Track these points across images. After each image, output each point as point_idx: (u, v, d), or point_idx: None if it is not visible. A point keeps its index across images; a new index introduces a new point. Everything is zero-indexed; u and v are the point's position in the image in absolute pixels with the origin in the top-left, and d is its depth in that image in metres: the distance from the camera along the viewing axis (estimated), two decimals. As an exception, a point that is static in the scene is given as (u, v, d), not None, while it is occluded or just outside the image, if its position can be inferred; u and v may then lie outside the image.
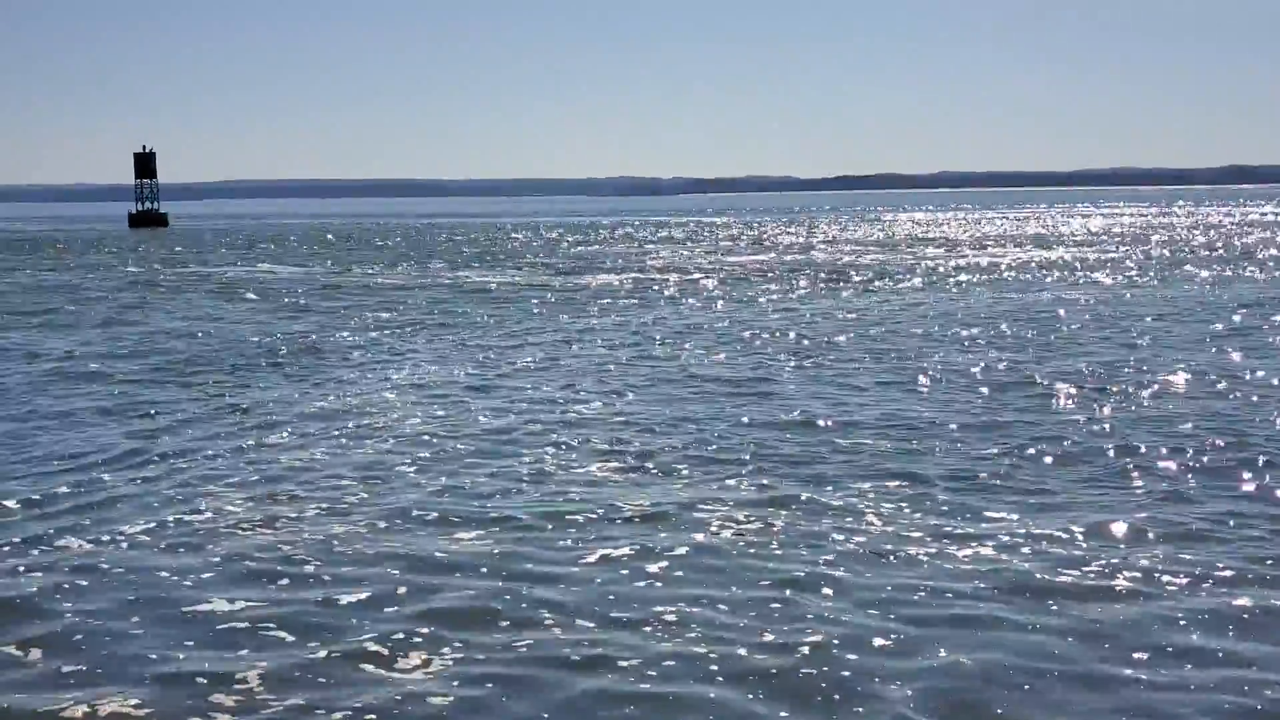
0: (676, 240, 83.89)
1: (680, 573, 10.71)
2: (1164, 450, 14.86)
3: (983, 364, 22.12)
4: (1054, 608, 9.73)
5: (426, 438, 16.35)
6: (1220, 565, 10.59)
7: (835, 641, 9.11)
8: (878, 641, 9.12)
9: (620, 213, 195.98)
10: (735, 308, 34.10)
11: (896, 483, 13.72)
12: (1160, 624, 9.39)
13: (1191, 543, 11.25)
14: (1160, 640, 9.07)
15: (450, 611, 9.84)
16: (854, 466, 14.53)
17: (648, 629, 9.44)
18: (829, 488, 13.53)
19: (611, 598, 10.08)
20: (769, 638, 9.22)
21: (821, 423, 17.09)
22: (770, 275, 47.62)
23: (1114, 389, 19.23)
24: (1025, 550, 11.16)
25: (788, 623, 9.50)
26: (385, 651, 9.08)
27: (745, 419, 17.50)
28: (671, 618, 9.64)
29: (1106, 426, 16.37)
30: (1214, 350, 23.62)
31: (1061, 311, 31.17)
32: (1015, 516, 12.30)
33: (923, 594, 10.12)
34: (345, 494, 13.44)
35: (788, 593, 10.15)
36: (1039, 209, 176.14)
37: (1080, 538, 11.46)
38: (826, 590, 10.25)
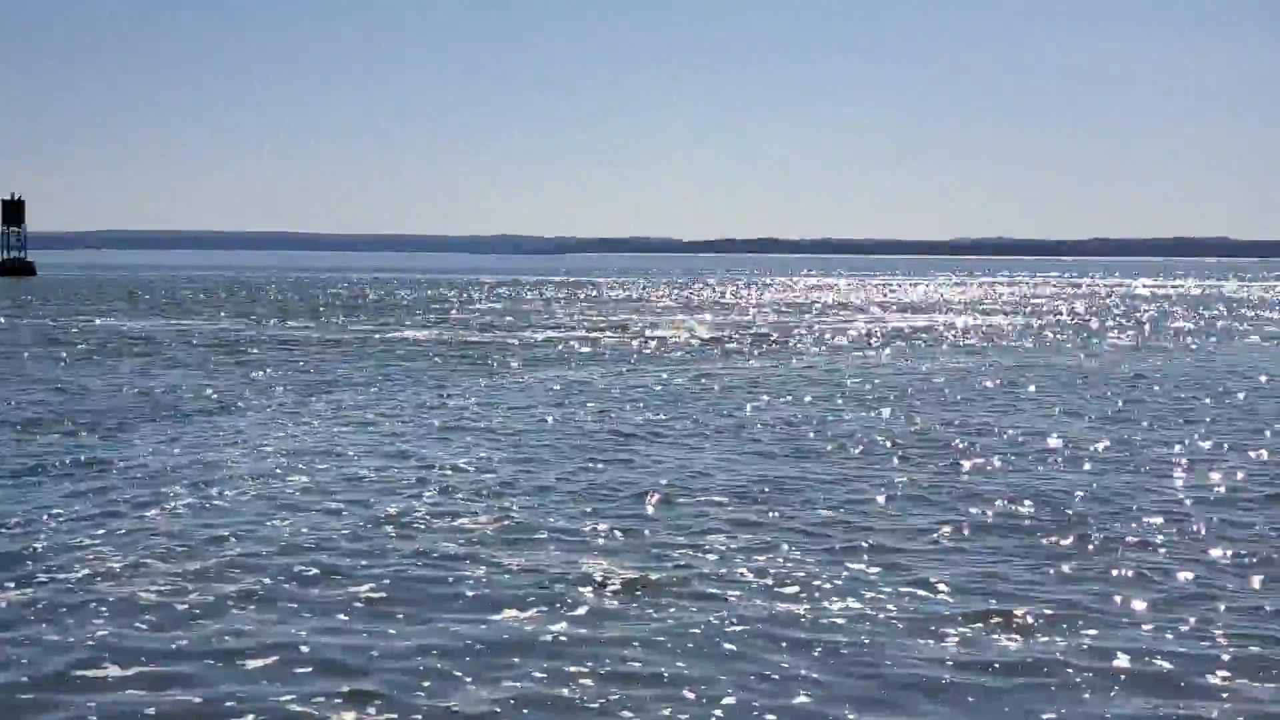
0: (564, 300, 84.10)
1: (586, 629, 10.90)
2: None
3: (855, 428, 22.64)
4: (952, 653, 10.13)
5: (305, 496, 16.34)
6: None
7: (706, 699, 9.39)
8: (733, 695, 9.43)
9: (504, 271, 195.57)
10: (625, 368, 34.36)
11: (779, 537, 14.25)
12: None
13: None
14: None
15: (344, 671, 9.96)
16: (735, 522, 15.00)
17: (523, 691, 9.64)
18: (710, 541, 13.98)
19: (493, 661, 10.24)
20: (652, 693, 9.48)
21: (700, 480, 17.58)
22: (653, 338, 47.95)
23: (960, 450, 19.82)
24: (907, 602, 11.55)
25: (659, 686, 9.77)
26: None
27: (619, 476, 17.91)
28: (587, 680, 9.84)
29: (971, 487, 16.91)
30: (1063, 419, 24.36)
31: (945, 379, 31.85)
32: (877, 571, 12.75)
33: (789, 645, 10.59)
34: (222, 556, 13.36)
35: (668, 649, 10.44)
36: (920, 277, 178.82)
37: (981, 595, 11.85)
38: (711, 646, 10.53)
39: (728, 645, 10.68)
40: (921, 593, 12.23)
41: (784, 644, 10.73)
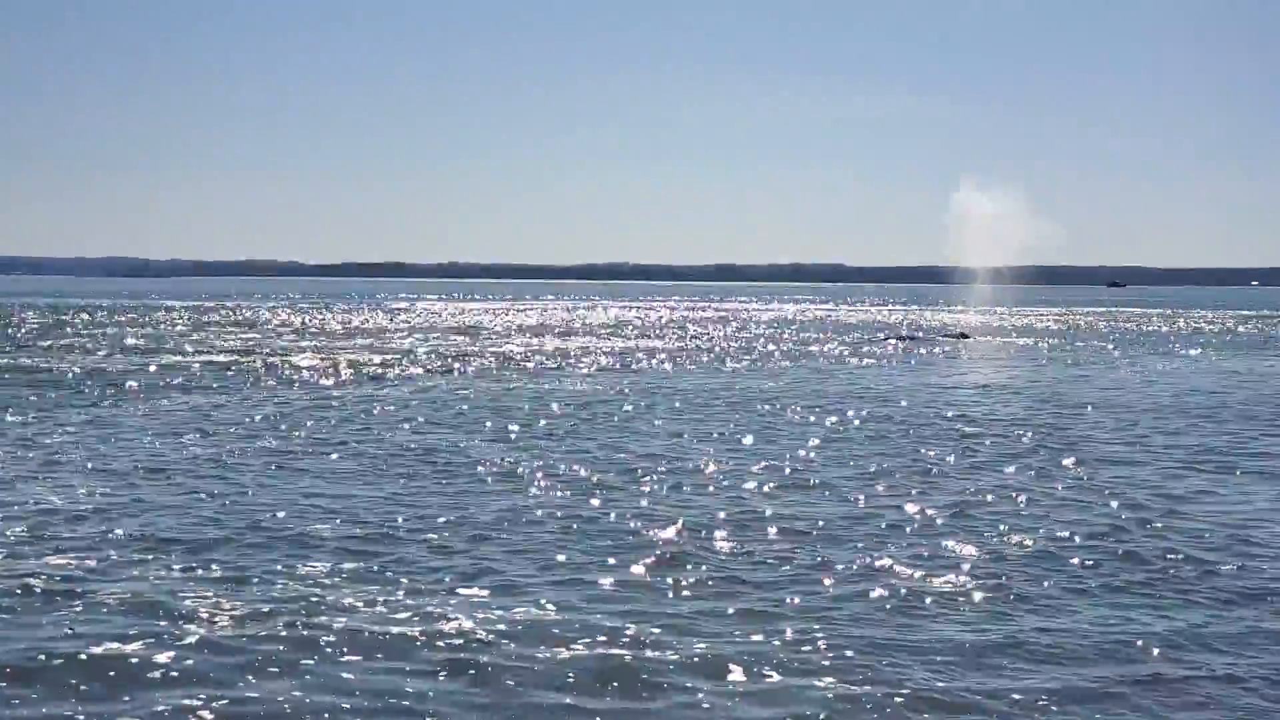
0: (185, 322, 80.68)
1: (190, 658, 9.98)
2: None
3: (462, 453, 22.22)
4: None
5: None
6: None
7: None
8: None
9: (112, 294, 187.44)
10: (250, 394, 32.90)
11: (369, 565, 14.12)
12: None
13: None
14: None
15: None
16: (321, 551, 14.80)
17: None
18: (303, 569, 13.82)
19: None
20: None
21: (291, 511, 17.14)
22: (277, 362, 46.34)
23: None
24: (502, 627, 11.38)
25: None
26: None
27: (229, 510, 17.21)
28: None
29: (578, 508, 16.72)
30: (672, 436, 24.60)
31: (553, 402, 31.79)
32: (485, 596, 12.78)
33: (396, 676, 10.54)
34: None
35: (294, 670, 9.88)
36: (547, 300, 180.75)
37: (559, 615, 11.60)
38: (319, 676, 10.35)
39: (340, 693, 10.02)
40: (535, 618, 12.10)
41: (401, 676, 10.47)
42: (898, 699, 10.23)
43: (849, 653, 11.27)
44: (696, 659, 11.05)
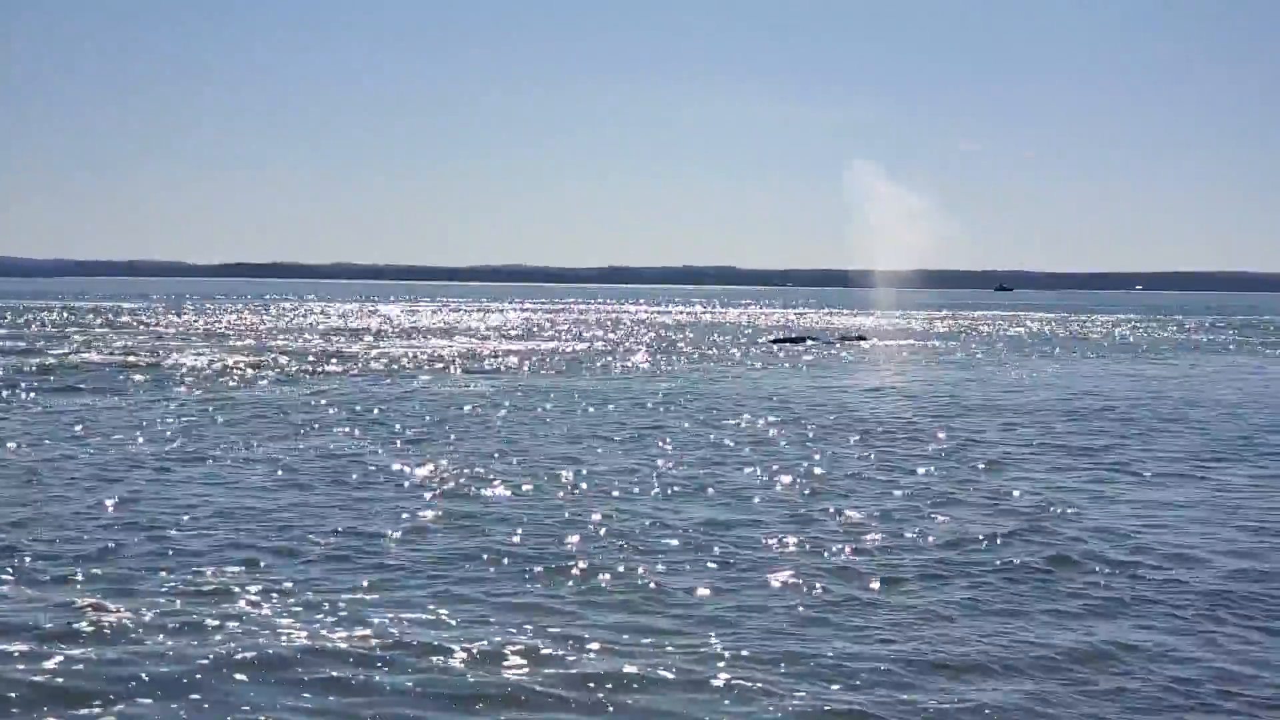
0: (78, 324, 78.74)
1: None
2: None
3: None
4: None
5: None
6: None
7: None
8: None
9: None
10: (146, 398, 31.88)
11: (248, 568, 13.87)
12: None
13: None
14: None
15: None
16: (211, 561, 14.34)
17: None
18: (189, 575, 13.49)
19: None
20: None
21: (186, 516, 16.70)
22: (178, 365, 45.19)
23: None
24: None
25: None
26: None
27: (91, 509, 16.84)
28: None
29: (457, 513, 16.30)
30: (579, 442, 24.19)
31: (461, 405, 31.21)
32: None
33: (285, 689, 10.20)
34: None
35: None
36: (442, 302, 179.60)
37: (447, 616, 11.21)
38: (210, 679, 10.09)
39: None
40: (431, 631, 11.69)
41: (293, 689, 10.13)
42: (808, 713, 9.82)
43: (753, 664, 10.85)
44: (596, 672, 10.57)
